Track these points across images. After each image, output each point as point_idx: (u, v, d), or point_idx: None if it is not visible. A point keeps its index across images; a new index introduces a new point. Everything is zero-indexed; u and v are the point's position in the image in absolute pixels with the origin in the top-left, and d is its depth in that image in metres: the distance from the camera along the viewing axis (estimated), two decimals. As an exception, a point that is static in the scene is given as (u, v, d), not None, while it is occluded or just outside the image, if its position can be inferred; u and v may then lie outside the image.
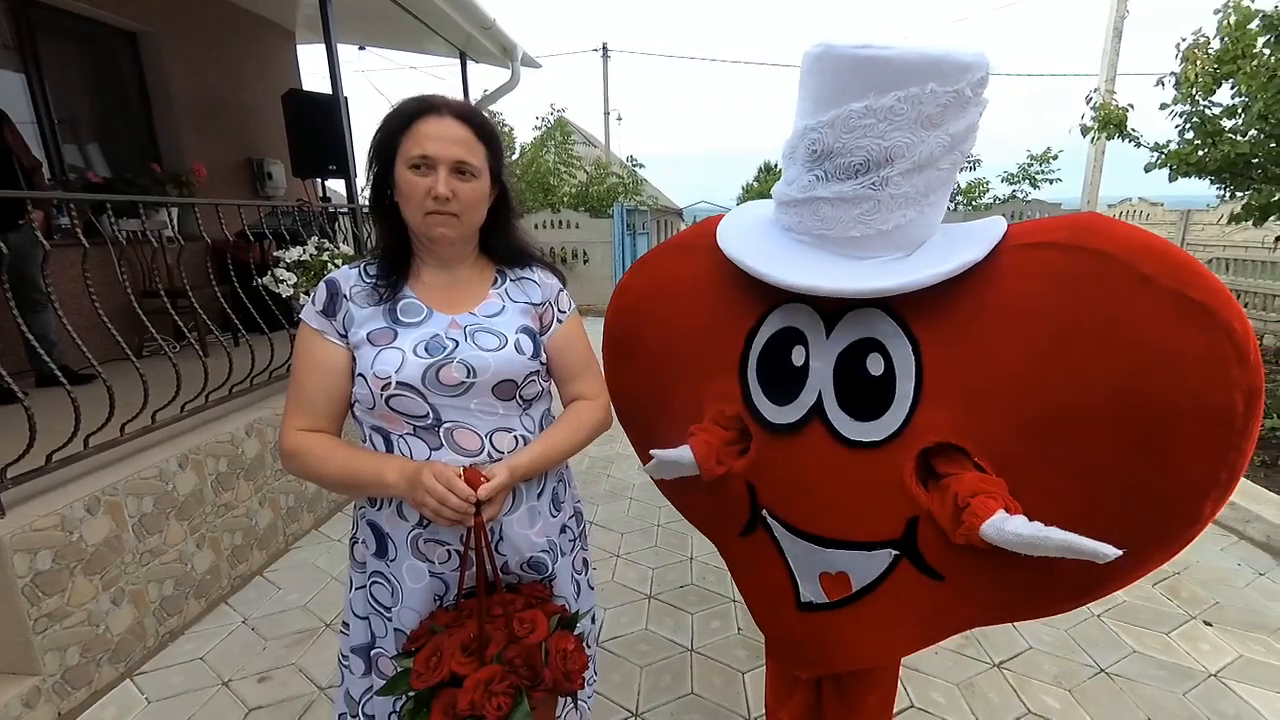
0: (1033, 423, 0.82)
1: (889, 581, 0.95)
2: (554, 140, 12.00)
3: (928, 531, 0.90)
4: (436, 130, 0.91)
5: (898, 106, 0.81)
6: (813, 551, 1.01)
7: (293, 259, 2.98)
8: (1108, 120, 4.02)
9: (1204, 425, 0.72)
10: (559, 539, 1.09)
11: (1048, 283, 0.81)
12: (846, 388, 0.95)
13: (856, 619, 1.00)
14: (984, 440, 0.86)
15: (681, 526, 2.81)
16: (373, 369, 0.92)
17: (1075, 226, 0.82)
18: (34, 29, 3.69)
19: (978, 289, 0.86)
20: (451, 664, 0.86)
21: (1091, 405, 0.78)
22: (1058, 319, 0.79)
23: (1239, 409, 0.70)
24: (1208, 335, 0.71)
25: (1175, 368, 0.72)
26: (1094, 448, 0.79)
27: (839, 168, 0.87)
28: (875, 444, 0.92)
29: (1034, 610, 0.96)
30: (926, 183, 0.86)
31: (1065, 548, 0.75)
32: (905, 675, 1.87)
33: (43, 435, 1.78)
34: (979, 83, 0.83)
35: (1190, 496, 0.76)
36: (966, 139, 0.87)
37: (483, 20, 4.83)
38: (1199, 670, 1.89)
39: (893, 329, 0.91)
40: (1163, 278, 0.73)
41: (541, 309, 1.06)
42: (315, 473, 0.95)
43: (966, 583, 0.92)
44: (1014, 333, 0.83)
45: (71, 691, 1.77)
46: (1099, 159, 10.43)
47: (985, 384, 0.85)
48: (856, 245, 0.90)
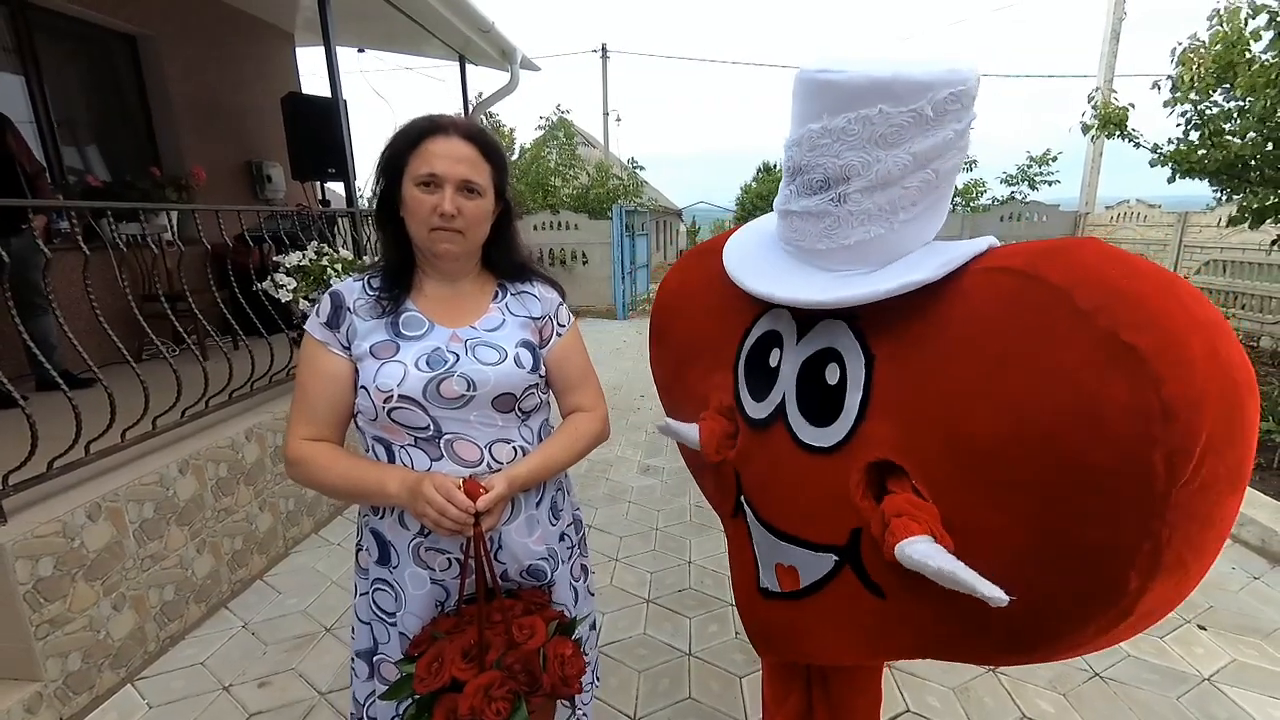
0: (964, 453, 0.79)
1: (832, 585, 0.97)
2: (557, 140, 12.01)
3: (870, 544, 0.90)
4: (444, 149, 0.94)
5: (849, 127, 0.83)
6: (771, 541, 1.05)
7: (292, 264, 2.99)
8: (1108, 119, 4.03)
9: (1120, 485, 0.65)
10: (557, 547, 1.11)
11: (995, 308, 0.77)
12: (805, 393, 0.98)
13: (803, 614, 1.04)
14: (921, 462, 0.84)
15: (680, 530, 2.83)
16: (375, 382, 0.94)
17: (1039, 251, 0.77)
18: (33, 31, 3.69)
19: (938, 310, 0.84)
20: (452, 669, 0.88)
21: (1017, 443, 0.72)
22: (1000, 347, 0.75)
23: (1159, 471, 0.62)
24: (1133, 385, 0.62)
25: (1096, 416, 0.65)
26: (1019, 489, 0.74)
27: (805, 183, 0.90)
28: (825, 450, 0.94)
29: (973, 655, 0.93)
30: (890, 200, 0.86)
31: (964, 584, 0.73)
32: (901, 679, 1.89)
33: (44, 441, 1.79)
34: (947, 100, 0.80)
35: (1112, 563, 0.68)
36: (939, 157, 0.84)
37: (481, 23, 4.84)
38: (1193, 674, 1.91)
39: (851, 342, 0.93)
40: (1100, 314, 0.65)
41: (541, 323, 1.08)
42: (318, 481, 0.97)
43: (906, 607, 0.91)
44: (958, 358, 0.80)
45: (73, 697, 1.78)
46: (1097, 160, 10.46)
47: (927, 406, 0.83)
48: (825, 258, 0.93)
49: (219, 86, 4.81)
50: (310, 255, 3.03)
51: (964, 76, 0.80)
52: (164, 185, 4.13)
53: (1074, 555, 0.72)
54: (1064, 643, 0.79)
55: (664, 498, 3.19)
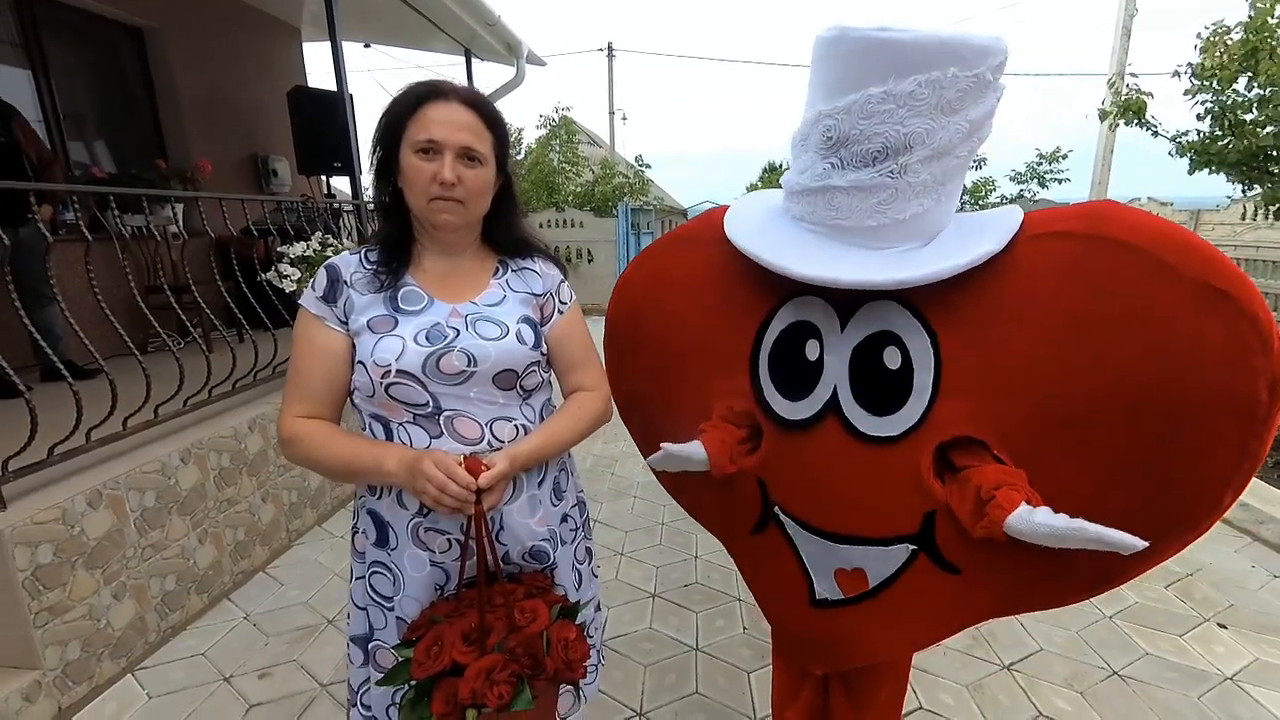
0: (1051, 415, 0.81)
1: (905, 576, 0.94)
2: (559, 139, 12.00)
3: (945, 526, 0.88)
4: (444, 115, 0.90)
5: (918, 91, 0.79)
6: (828, 548, 0.99)
7: (297, 254, 2.97)
8: (1127, 106, 3.95)
9: (1227, 415, 0.71)
10: (560, 528, 1.08)
11: (1065, 273, 0.79)
12: (863, 382, 0.93)
13: (872, 614, 0.99)
14: (1003, 433, 0.84)
15: (686, 525, 2.79)
16: (373, 356, 0.91)
17: (1092, 215, 0.81)
18: (40, 25, 3.69)
19: (995, 280, 0.84)
20: (452, 653, 0.85)
21: (1111, 397, 0.76)
22: (1075, 309, 0.78)
23: (1263, 398, 0.69)
24: (1231, 324, 0.69)
25: (1197, 357, 0.71)
26: (1114, 439, 0.78)
27: (855, 155, 0.84)
28: (892, 439, 0.90)
29: (1049, 600, 0.95)
30: (944, 170, 0.84)
31: (1095, 540, 0.74)
32: (914, 676, 1.84)
33: (45, 429, 1.77)
34: (998, 67, 0.81)
35: (1211, 486, 0.75)
36: (984, 125, 0.85)
37: (487, 17, 4.82)
38: (1214, 673, 1.86)
39: (909, 321, 0.89)
40: (1184, 266, 0.72)
41: (543, 300, 1.05)
42: (314, 459, 0.94)
43: (982, 575, 0.91)
44: (1031, 324, 0.81)
45: (72, 686, 1.76)
46: (1107, 157, 10.35)
47: (1003, 376, 0.83)
48: (873, 235, 0.88)
49: (225, 80, 4.81)
50: (314, 246, 3.01)
51: (1005, 46, 0.81)
52: (169, 178, 4.13)
53: (1175, 488, 0.76)
54: (1145, 566, 0.83)
55: (670, 493, 3.16)
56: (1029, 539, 0.77)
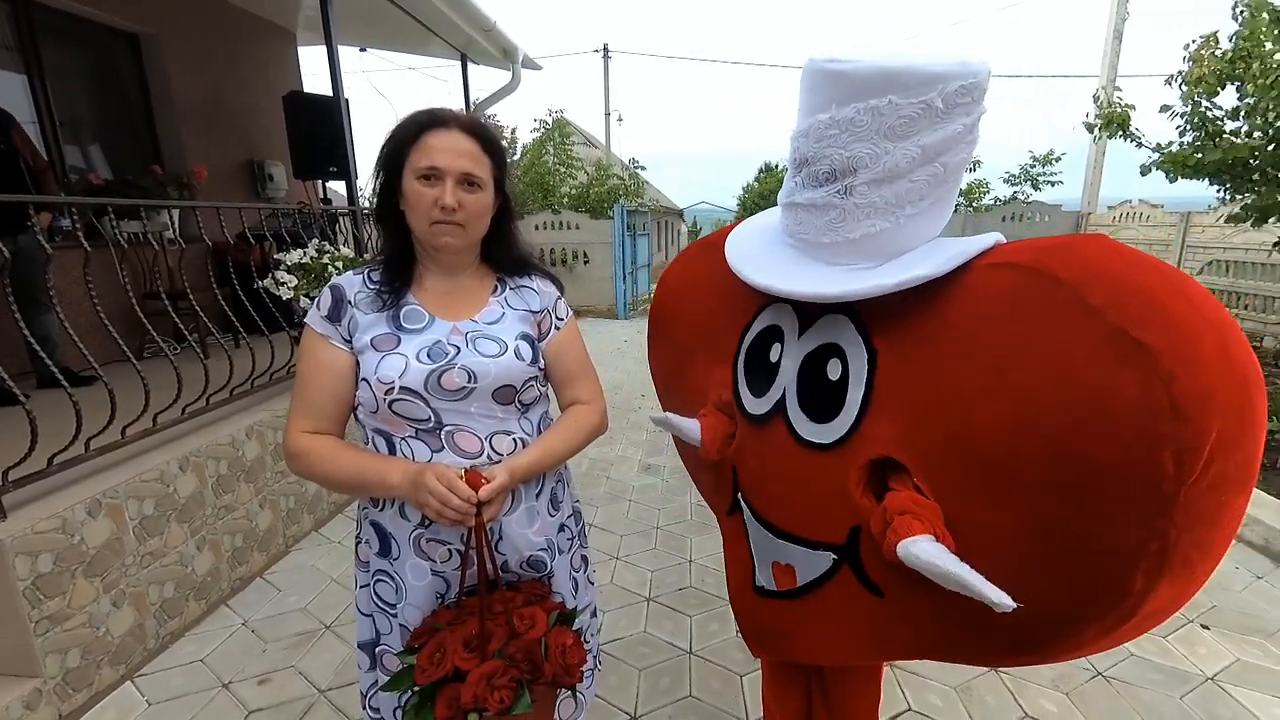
0: (966, 449, 0.78)
1: (830, 584, 0.96)
2: (553, 142, 12.02)
3: (869, 543, 0.89)
4: (445, 143, 0.94)
5: (858, 118, 0.82)
6: (768, 539, 1.04)
7: (293, 261, 2.99)
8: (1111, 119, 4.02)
9: (1128, 483, 0.64)
10: (557, 538, 1.11)
11: (999, 305, 0.76)
12: (807, 388, 0.97)
13: (800, 613, 1.03)
14: (922, 460, 0.83)
15: (680, 529, 2.82)
16: (376, 374, 0.95)
17: (1046, 248, 0.76)
18: (36, 31, 3.69)
19: (943, 306, 0.83)
20: (454, 659, 0.88)
21: (1023, 442, 0.71)
22: (1000, 344, 0.75)
23: (1168, 470, 0.61)
24: (1142, 381, 0.61)
25: (1104, 413, 0.64)
26: (1023, 487, 0.73)
27: (811, 175, 0.89)
28: (826, 446, 0.93)
29: (973, 656, 0.92)
30: (896, 194, 0.84)
31: (959, 583, 0.72)
32: (902, 678, 1.88)
33: (44, 438, 1.78)
34: (958, 93, 0.79)
35: (1117, 564, 0.67)
36: (948, 150, 0.83)
37: (483, 23, 4.84)
38: (1196, 674, 1.90)
39: (854, 337, 0.92)
40: (1110, 310, 0.65)
41: (540, 316, 1.08)
42: (320, 473, 0.98)
43: (905, 606, 0.90)
44: (961, 354, 0.80)
45: (72, 694, 1.78)
46: (1099, 160, 10.44)
47: (928, 402, 0.83)
48: (830, 251, 0.92)
49: (221, 85, 4.81)
50: (311, 253, 3.03)
51: (975, 70, 0.80)
52: (165, 184, 4.13)
53: (1078, 555, 0.70)
54: (1066, 644, 0.78)
55: (665, 496, 3.18)
56: (916, 569, 0.77)
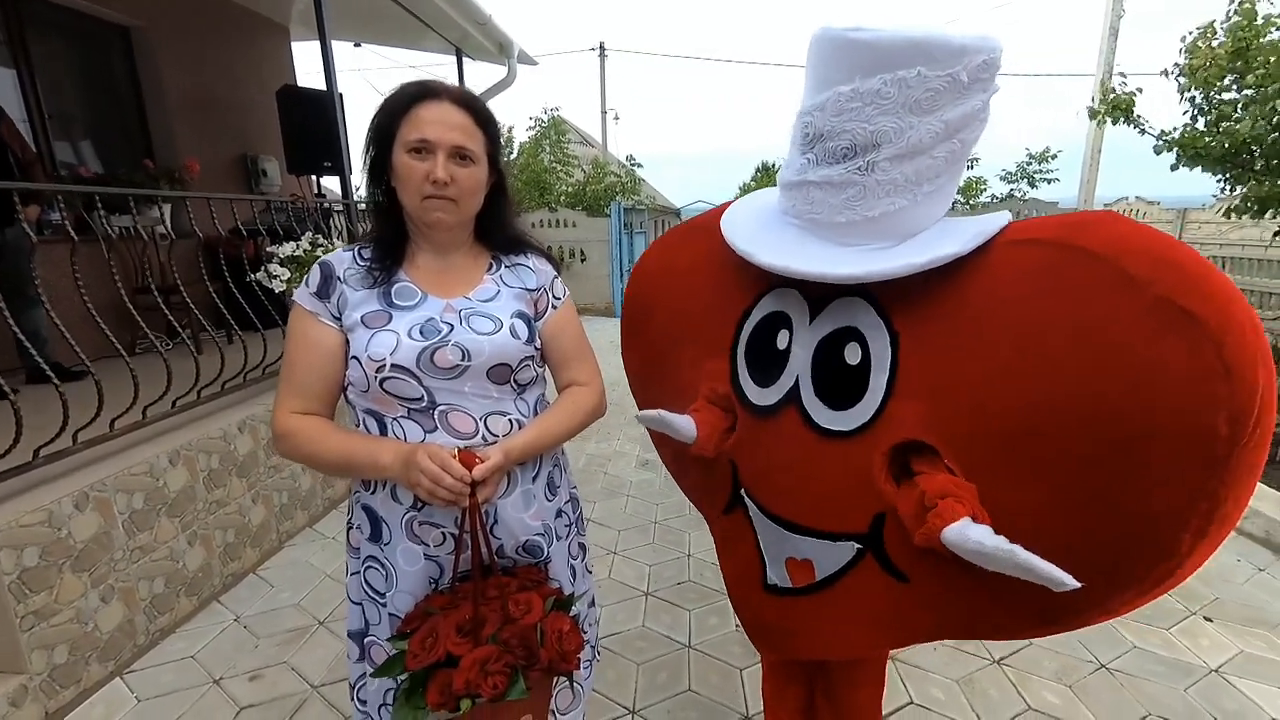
0: (1003, 428, 0.77)
1: (851, 575, 0.93)
2: (549, 140, 11.99)
3: (894, 529, 0.87)
4: (436, 115, 0.91)
5: (884, 90, 0.79)
6: (781, 535, 1.00)
7: (286, 255, 2.95)
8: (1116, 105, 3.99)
9: (1181, 449, 0.65)
10: (554, 523, 1.08)
11: (1030, 281, 0.76)
12: (823, 375, 0.94)
13: (818, 608, 0.99)
14: (953, 441, 0.82)
15: (678, 523, 2.80)
16: (367, 351, 0.92)
17: (1071, 224, 0.77)
18: (25, 24, 3.65)
19: (964, 284, 0.82)
20: (447, 644, 0.86)
21: (1061, 415, 0.72)
22: (1034, 320, 0.74)
23: (1222, 432, 0.62)
24: (1192, 348, 0.63)
25: (1153, 382, 0.65)
26: (1063, 461, 0.73)
27: (828, 151, 0.86)
28: (846, 434, 0.90)
29: (996, 631, 0.90)
30: (917, 170, 0.83)
31: (1024, 569, 0.71)
32: (904, 671, 1.86)
33: (32, 431, 1.75)
34: (980, 67, 0.79)
35: (1165, 527, 0.68)
36: (966, 127, 0.83)
37: (477, 16, 4.81)
38: (1199, 666, 1.88)
39: (873, 319, 0.89)
40: (1151, 281, 0.66)
41: (536, 295, 1.05)
42: (308, 454, 0.94)
43: (930, 589, 0.88)
44: (990, 332, 0.79)
45: (59, 690, 1.74)
46: (1096, 157, 10.44)
47: (957, 382, 0.81)
48: (844, 231, 0.89)
49: (214, 79, 4.77)
50: (305, 246, 2.99)
51: (994, 45, 0.80)
52: (157, 178, 4.10)
53: (1124, 524, 0.71)
54: (1098, 611, 0.78)
55: (662, 491, 3.16)
56: (963, 555, 0.75)
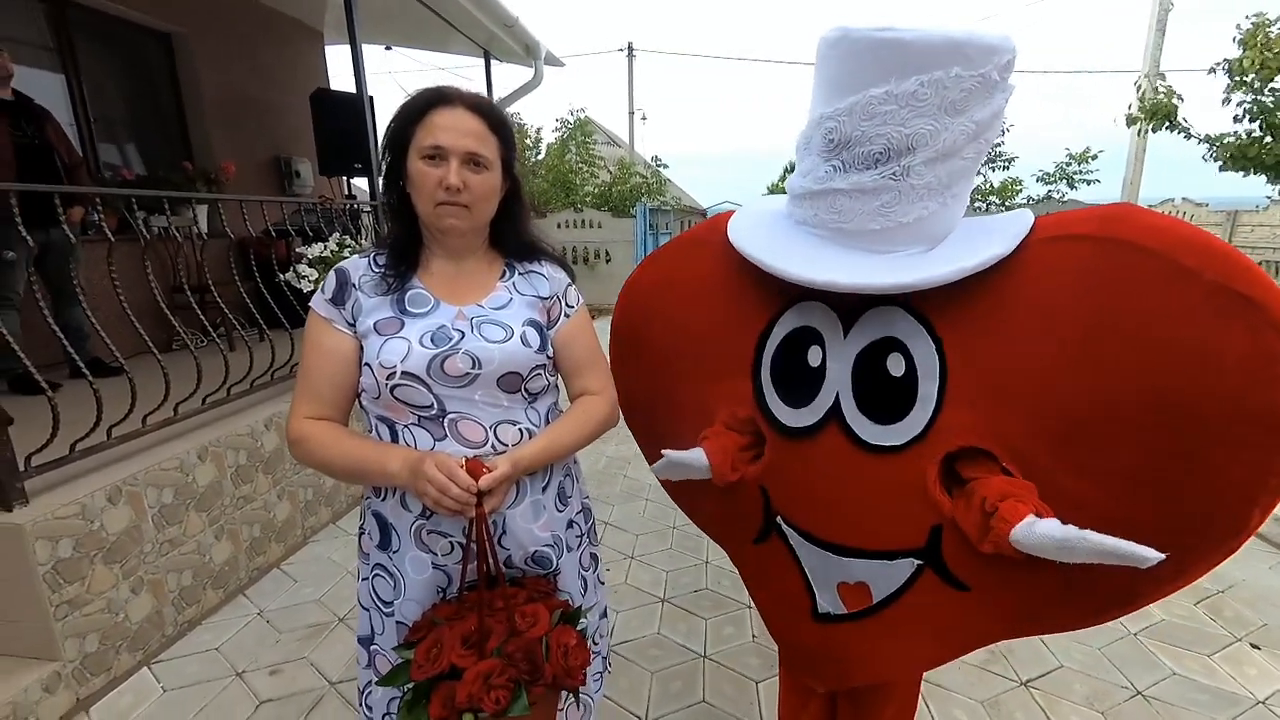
0: (1061, 425, 0.78)
1: (911, 592, 0.90)
2: (575, 141, 12.05)
3: (953, 540, 0.85)
4: (449, 121, 0.91)
5: (920, 91, 0.77)
6: (830, 561, 0.96)
7: (314, 255, 3.01)
8: (1155, 111, 3.83)
9: (1249, 430, 0.67)
10: (565, 534, 1.07)
11: (1077, 277, 0.76)
12: (866, 389, 0.90)
13: (876, 631, 0.95)
14: (1011, 443, 0.81)
15: (698, 529, 2.75)
16: (379, 358, 0.92)
17: (1108, 218, 0.77)
18: (72, 30, 3.80)
19: (1004, 285, 0.81)
20: (451, 656, 0.85)
21: (1123, 407, 0.73)
22: (1088, 316, 0.75)
23: None
24: (1253, 332, 0.65)
25: (1216, 368, 0.67)
26: (1127, 452, 0.74)
27: (858, 157, 0.83)
28: (896, 448, 0.87)
29: (1067, 621, 0.89)
30: (949, 173, 0.82)
31: (1104, 552, 0.70)
32: (927, 691, 1.80)
33: (69, 426, 1.81)
34: (1005, 66, 0.78)
35: (1234, 504, 0.71)
36: (991, 126, 0.82)
37: (505, 18, 4.85)
38: (1245, 696, 1.78)
39: (914, 327, 0.86)
40: (1204, 269, 0.68)
41: (549, 303, 1.04)
42: (320, 459, 0.95)
43: (994, 593, 0.87)
44: (1041, 330, 0.78)
45: (90, 678, 1.80)
46: (1139, 157, 10.07)
47: (1011, 384, 0.80)
48: (875, 239, 0.86)
49: (250, 83, 4.90)
50: (332, 247, 3.05)
51: (1013, 45, 0.79)
52: (194, 179, 4.22)
53: (1195, 507, 0.72)
54: (1173, 586, 0.79)
55: (682, 496, 3.13)
56: (1036, 552, 0.74)
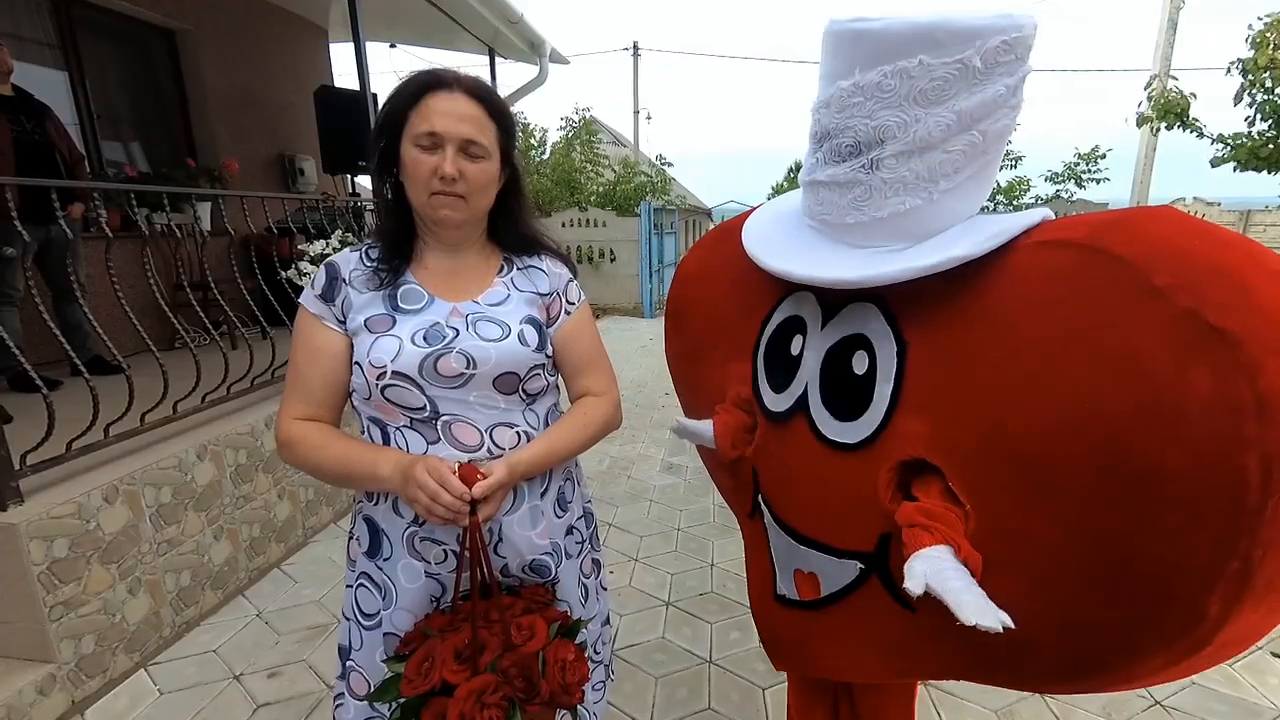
0: (1010, 449, 0.69)
1: (857, 595, 0.88)
2: (580, 140, 12.03)
3: (899, 553, 0.79)
4: (446, 106, 0.86)
5: (884, 82, 0.72)
6: (790, 545, 0.96)
7: (316, 252, 2.99)
8: (1168, 109, 3.76)
9: (1204, 497, 0.54)
10: (564, 541, 1.03)
11: (1050, 287, 0.67)
12: (830, 384, 0.88)
13: (823, 625, 0.94)
14: (959, 461, 0.74)
15: (702, 531, 2.73)
16: (369, 357, 0.88)
17: (1104, 222, 0.67)
18: (75, 27, 3.79)
19: (984, 290, 0.73)
20: (443, 671, 0.81)
21: (1072, 440, 0.63)
22: (1052, 332, 0.65)
23: (1253, 480, 0.51)
24: (1220, 375, 0.52)
25: (1171, 413, 0.55)
26: (1073, 495, 0.64)
27: (833, 149, 0.80)
28: (850, 447, 0.84)
29: (1012, 681, 0.82)
30: (929, 167, 0.75)
31: (952, 602, 0.65)
32: (939, 699, 1.76)
33: (66, 424, 1.79)
34: (999, 50, 0.70)
35: (1187, 586, 0.58)
36: (987, 116, 0.74)
37: (510, 14, 4.82)
38: (1268, 708, 1.73)
39: (882, 328, 0.82)
40: (1179, 291, 0.56)
41: (549, 299, 1.00)
42: (310, 463, 0.92)
43: (938, 623, 0.76)
44: (1003, 344, 0.71)
45: (86, 680, 1.77)
46: (1149, 156, 9.96)
47: (966, 398, 0.73)
48: (852, 233, 0.83)
49: (254, 80, 4.89)
50: (334, 244, 3.02)
51: (1019, 22, 0.70)
52: (198, 176, 4.21)
53: (1137, 575, 0.61)
54: (1123, 674, 0.68)
55: (686, 497, 3.09)
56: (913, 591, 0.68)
